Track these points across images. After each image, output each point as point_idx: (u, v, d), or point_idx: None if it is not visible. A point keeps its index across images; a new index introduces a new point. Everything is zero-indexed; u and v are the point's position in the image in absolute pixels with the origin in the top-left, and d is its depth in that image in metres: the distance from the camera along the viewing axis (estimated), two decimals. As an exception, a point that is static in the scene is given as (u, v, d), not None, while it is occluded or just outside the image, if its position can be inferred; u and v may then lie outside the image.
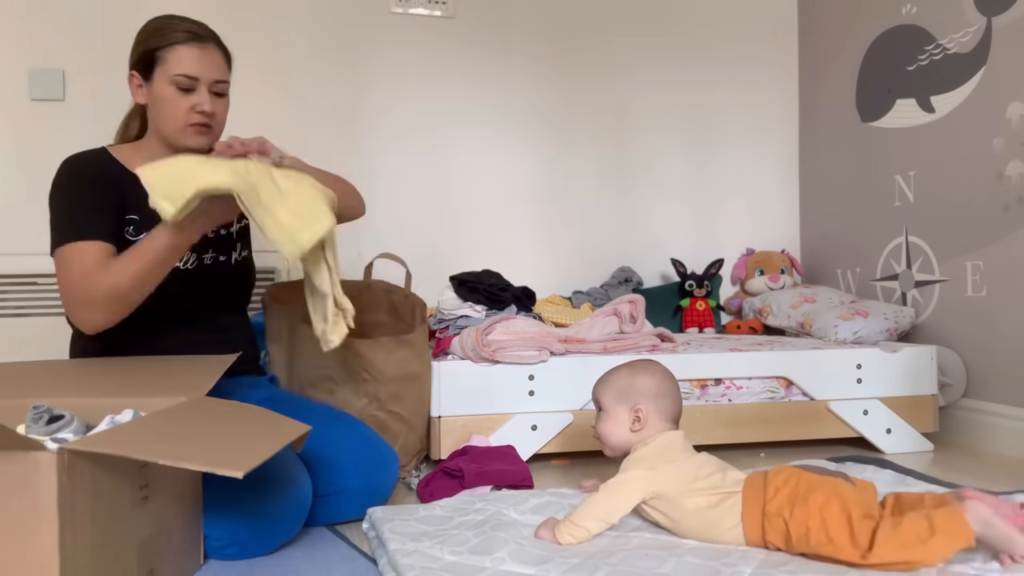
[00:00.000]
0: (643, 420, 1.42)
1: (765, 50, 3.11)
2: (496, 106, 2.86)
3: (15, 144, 2.44)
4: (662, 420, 1.43)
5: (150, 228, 1.54)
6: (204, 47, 1.55)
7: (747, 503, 1.29)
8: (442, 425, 2.00)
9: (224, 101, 1.60)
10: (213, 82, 1.56)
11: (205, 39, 1.56)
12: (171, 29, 1.54)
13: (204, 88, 1.54)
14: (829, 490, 1.23)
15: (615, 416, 1.45)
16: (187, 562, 1.26)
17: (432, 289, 2.49)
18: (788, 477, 1.28)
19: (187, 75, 1.52)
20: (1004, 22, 2.22)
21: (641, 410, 1.42)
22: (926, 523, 1.15)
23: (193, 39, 1.54)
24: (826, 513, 1.21)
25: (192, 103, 1.54)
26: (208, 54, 1.55)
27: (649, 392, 1.43)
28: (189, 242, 1.41)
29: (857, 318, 2.40)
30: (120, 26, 2.49)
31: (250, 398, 1.59)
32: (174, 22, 1.56)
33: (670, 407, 1.44)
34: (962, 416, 2.33)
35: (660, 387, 1.44)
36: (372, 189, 2.75)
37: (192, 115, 1.54)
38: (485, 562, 1.23)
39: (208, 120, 1.56)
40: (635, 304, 2.27)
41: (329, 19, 2.71)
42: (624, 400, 1.44)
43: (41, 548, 0.91)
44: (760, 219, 3.11)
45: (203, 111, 1.54)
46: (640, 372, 1.47)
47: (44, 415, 1.14)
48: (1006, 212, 2.21)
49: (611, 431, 1.45)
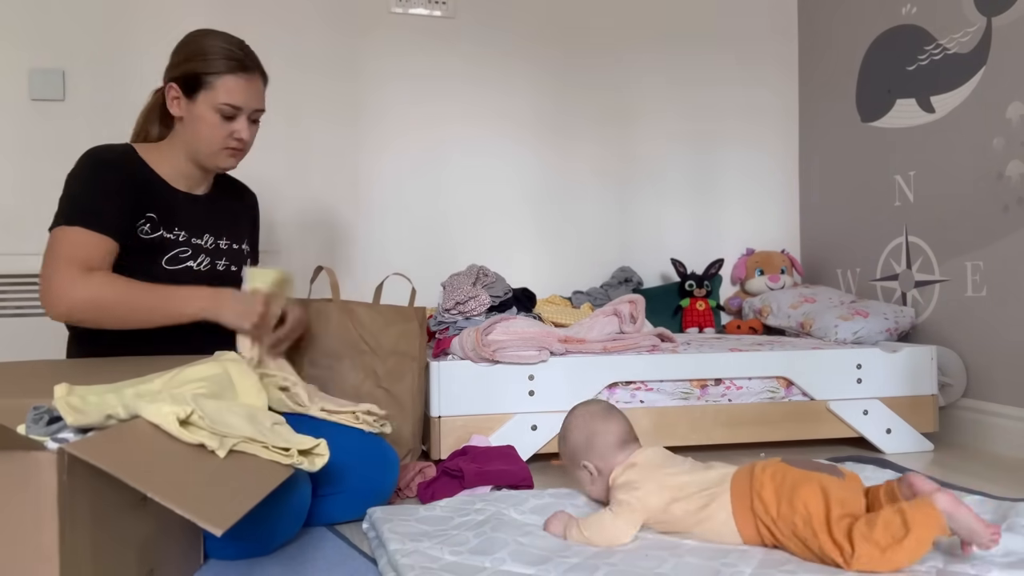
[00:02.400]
0: (596, 470, 1.45)
1: (765, 50, 3.12)
2: (496, 106, 2.86)
3: (15, 144, 2.44)
4: (612, 454, 1.44)
5: (168, 228, 1.57)
6: (251, 78, 1.60)
7: (735, 499, 1.29)
8: (442, 425, 2.00)
9: (256, 126, 1.66)
10: (254, 111, 1.62)
11: (251, 69, 1.60)
12: (219, 55, 1.56)
13: (245, 116, 1.60)
14: (814, 485, 1.23)
15: (577, 478, 1.51)
16: (187, 562, 1.26)
17: (433, 289, 2.49)
18: (774, 472, 1.28)
19: (233, 105, 1.57)
20: (1004, 22, 2.22)
21: (588, 465, 1.46)
22: (899, 519, 1.15)
23: (241, 69, 1.58)
24: (811, 508, 1.21)
25: (232, 130, 1.59)
26: (253, 84, 1.60)
27: (580, 445, 1.47)
28: (199, 317, 1.50)
29: (857, 318, 2.40)
30: (120, 26, 2.50)
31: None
32: (222, 47, 1.58)
33: (608, 439, 1.45)
34: (962, 416, 2.33)
35: (585, 434, 1.47)
36: (372, 189, 2.76)
37: (230, 140, 1.60)
38: (485, 562, 1.23)
39: (243, 146, 1.63)
40: (635, 304, 2.27)
41: (328, 19, 2.71)
42: (573, 464, 1.50)
43: (41, 548, 0.91)
44: (760, 219, 3.11)
45: (241, 138, 1.60)
46: (566, 431, 1.51)
47: (44, 415, 1.14)
48: (1006, 212, 2.21)
49: (586, 490, 1.51)
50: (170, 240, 1.59)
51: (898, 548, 1.14)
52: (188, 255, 1.61)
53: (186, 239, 1.62)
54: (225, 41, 1.59)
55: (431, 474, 1.81)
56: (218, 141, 1.60)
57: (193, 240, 1.63)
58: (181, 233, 1.61)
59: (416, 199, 2.79)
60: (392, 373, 1.91)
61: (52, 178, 1.56)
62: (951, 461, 2.10)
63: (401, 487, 1.77)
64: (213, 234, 1.68)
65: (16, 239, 2.38)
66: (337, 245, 2.70)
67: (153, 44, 2.51)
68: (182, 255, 1.60)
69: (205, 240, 1.66)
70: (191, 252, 1.62)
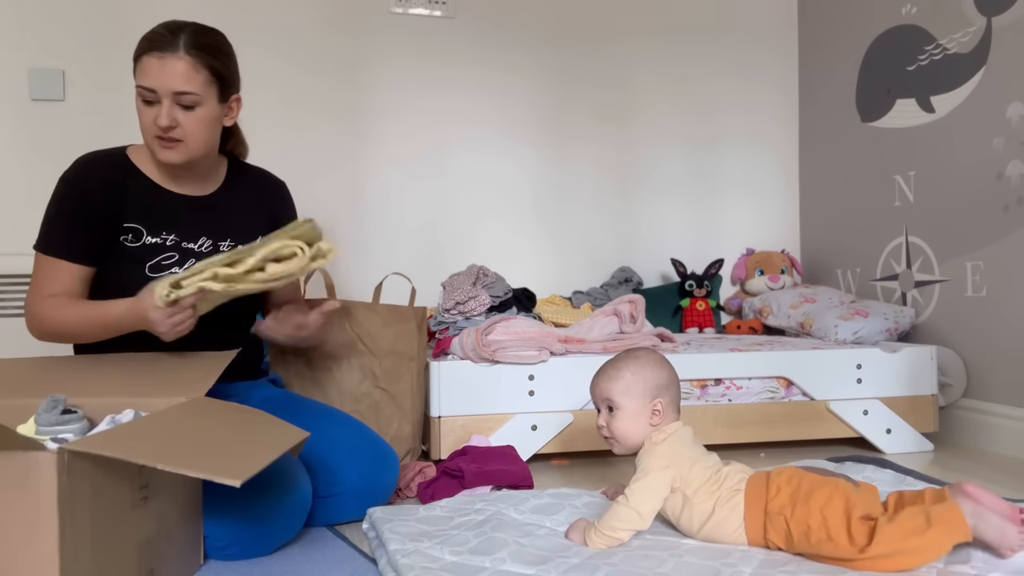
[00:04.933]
0: (662, 413, 1.38)
1: (765, 50, 3.11)
2: (496, 106, 2.86)
3: (15, 144, 2.44)
4: (674, 411, 1.41)
5: (153, 236, 1.55)
6: (162, 57, 1.44)
7: (749, 502, 1.29)
8: (442, 425, 2.00)
9: (194, 114, 1.49)
10: (173, 93, 1.45)
11: (165, 48, 1.45)
12: (146, 38, 1.48)
13: (165, 100, 1.45)
14: (831, 489, 1.23)
15: (632, 412, 1.39)
16: (187, 562, 1.26)
17: (433, 289, 2.49)
18: (791, 477, 1.28)
19: (144, 87, 1.46)
20: (1004, 22, 2.22)
21: (660, 402, 1.38)
22: (923, 517, 1.16)
23: (153, 48, 1.45)
24: (827, 512, 1.21)
25: (154, 115, 1.46)
26: (166, 64, 1.44)
27: (663, 383, 1.40)
28: (139, 328, 1.42)
29: (857, 318, 2.40)
30: (120, 26, 2.50)
31: (249, 399, 1.59)
32: (154, 31, 1.49)
33: (678, 396, 1.43)
34: (962, 416, 2.33)
35: (670, 376, 1.42)
36: (372, 188, 2.76)
37: (154, 128, 1.47)
38: (485, 562, 1.23)
39: (171, 134, 1.47)
40: (635, 304, 2.27)
41: (328, 19, 2.71)
42: (640, 395, 1.39)
43: (41, 548, 0.91)
44: (760, 219, 3.11)
45: (160, 124, 1.46)
46: (648, 364, 1.42)
47: (59, 404, 1.15)
48: (1006, 212, 2.21)
49: (629, 428, 1.39)
50: (156, 245, 1.54)
51: (916, 538, 1.14)
52: (174, 260, 1.55)
53: (175, 243, 1.56)
54: (160, 26, 1.50)
55: (431, 474, 1.81)
56: (146, 130, 1.49)
57: (184, 244, 1.57)
58: (170, 237, 1.56)
59: (416, 198, 2.79)
60: (390, 373, 1.91)
61: (52, 178, 1.56)
62: (951, 461, 2.10)
63: (401, 487, 1.77)
64: (212, 236, 1.61)
65: (16, 239, 2.38)
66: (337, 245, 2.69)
67: (153, 44, 2.52)
68: (166, 262, 1.55)
69: (200, 244, 1.59)
70: (178, 257, 1.56)
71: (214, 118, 1.53)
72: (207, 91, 1.49)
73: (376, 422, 1.87)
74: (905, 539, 1.15)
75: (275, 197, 1.74)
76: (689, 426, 1.41)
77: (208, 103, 1.50)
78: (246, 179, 1.70)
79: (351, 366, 1.90)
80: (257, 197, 1.70)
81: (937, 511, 1.17)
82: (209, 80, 1.49)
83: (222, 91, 1.53)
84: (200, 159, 1.57)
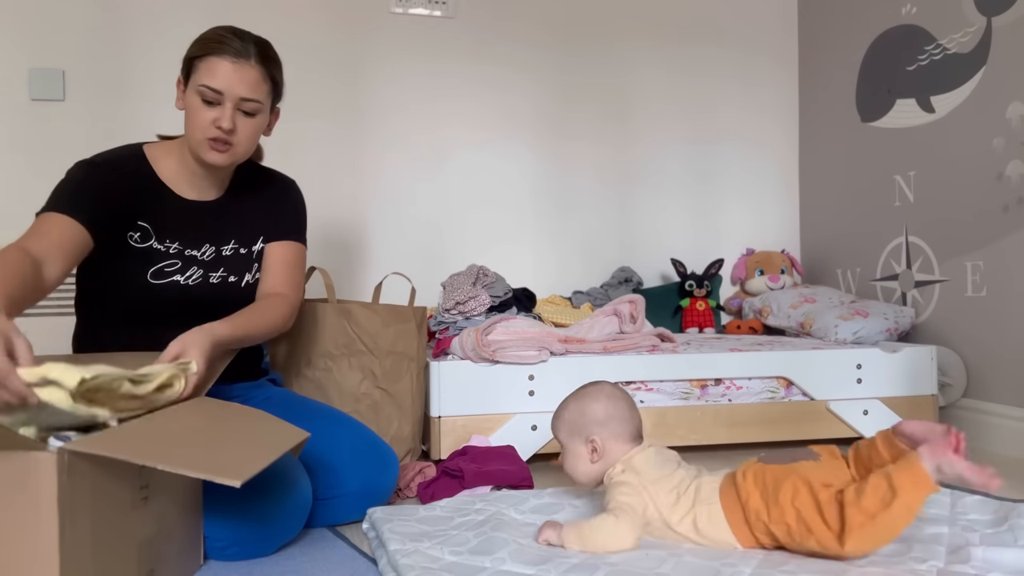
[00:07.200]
0: (600, 450, 1.39)
1: (765, 50, 3.11)
2: (496, 106, 2.86)
3: (15, 144, 2.43)
4: (621, 443, 1.39)
5: (160, 239, 1.54)
6: (237, 62, 1.48)
7: (728, 512, 1.29)
8: (442, 425, 2.00)
9: (252, 121, 1.52)
10: (240, 99, 1.48)
11: (243, 55, 1.48)
12: (215, 40, 1.49)
13: (229, 104, 1.48)
14: (794, 479, 1.23)
15: (574, 451, 1.42)
16: (187, 562, 1.26)
17: (433, 289, 2.49)
18: (755, 476, 1.28)
19: (211, 87, 1.46)
20: (1004, 22, 2.22)
21: (595, 440, 1.39)
22: (886, 483, 1.16)
23: (227, 52, 1.48)
24: (798, 504, 1.21)
25: (213, 117, 1.48)
26: (240, 70, 1.48)
27: (598, 419, 1.40)
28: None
29: (857, 318, 2.40)
30: (120, 26, 2.50)
31: (249, 399, 1.59)
32: (218, 33, 1.51)
33: (624, 427, 1.40)
34: (962, 416, 2.33)
35: (608, 411, 1.41)
36: (372, 188, 2.76)
37: (211, 129, 1.48)
38: (485, 562, 1.23)
39: (226, 137, 1.49)
40: (635, 304, 2.27)
41: (328, 19, 2.71)
42: (577, 434, 1.42)
43: (41, 548, 0.91)
44: (760, 219, 3.11)
45: (220, 127, 1.47)
46: (586, 400, 1.44)
47: None
48: (1006, 212, 2.21)
49: (574, 467, 1.43)
50: (160, 252, 1.54)
51: (887, 513, 1.14)
52: (176, 268, 1.55)
53: (178, 251, 1.56)
54: (225, 29, 1.52)
55: (431, 474, 1.81)
56: (200, 129, 1.48)
57: (187, 252, 1.56)
58: (174, 245, 1.55)
59: (416, 198, 2.79)
60: (390, 373, 1.91)
61: (52, 178, 1.56)
62: (951, 461, 2.10)
63: (401, 487, 1.77)
64: (215, 243, 1.60)
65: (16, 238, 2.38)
66: (337, 245, 2.70)
67: (153, 44, 2.52)
68: (168, 269, 1.54)
69: (203, 251, 1.59)
70: (180, 265, 1.55)
71: (263, 127, 1.59)
72: (267, 101, 1.56)
73: (376, 422, 1.87)
74: (875, 518, 1.15)
75: (281, 199, 1.74)
76: (652, 446, 1.40)
77: (264, 112, 1.56)
78: (253, 182, 1.70)
79: (351, 366, 1.89)
80: (262, 200, 1.70)
81: (899, 472, 1.16)
82: (270, 91, 1.56)
83: (274, 103, 1.60)
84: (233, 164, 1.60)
